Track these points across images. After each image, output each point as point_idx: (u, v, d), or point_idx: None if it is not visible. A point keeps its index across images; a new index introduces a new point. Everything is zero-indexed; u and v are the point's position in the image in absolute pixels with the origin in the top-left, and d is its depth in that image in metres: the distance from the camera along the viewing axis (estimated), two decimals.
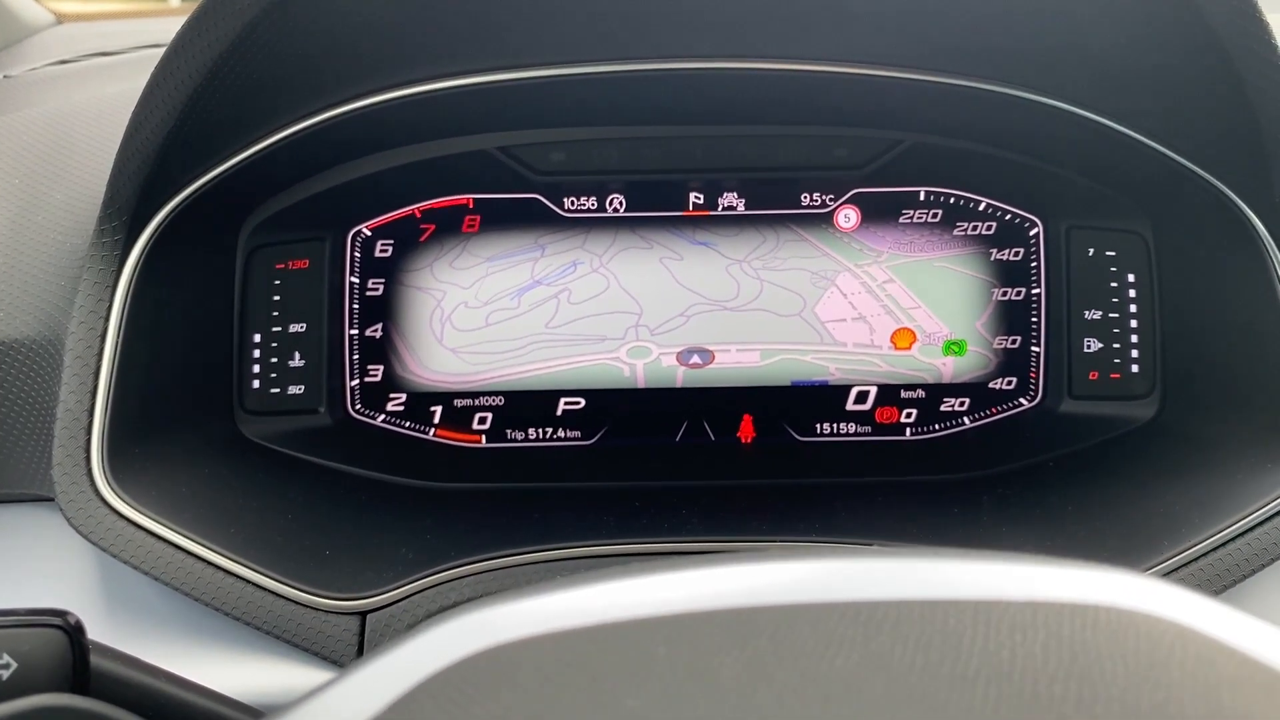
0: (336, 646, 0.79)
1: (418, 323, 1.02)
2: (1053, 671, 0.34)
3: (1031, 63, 0.89)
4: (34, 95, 1.21)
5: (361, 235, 1.01)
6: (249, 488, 0.90)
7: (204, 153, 0.85)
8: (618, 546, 0.85)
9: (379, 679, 0.36)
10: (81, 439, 0.81)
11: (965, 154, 1.01)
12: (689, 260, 1.03)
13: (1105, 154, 0.95)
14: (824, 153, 1.01)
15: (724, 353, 1.04)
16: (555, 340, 1.03)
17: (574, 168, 1.00)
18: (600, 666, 0.35)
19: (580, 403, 1.03)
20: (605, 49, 0.89)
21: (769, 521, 0.93)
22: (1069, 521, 0.91)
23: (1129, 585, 0.39)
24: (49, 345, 0.85)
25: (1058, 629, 0.36)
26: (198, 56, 0.75)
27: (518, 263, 1.02)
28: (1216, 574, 0.82)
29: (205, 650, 0.80)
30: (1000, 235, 1.04)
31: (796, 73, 0.91)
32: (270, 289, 0.98)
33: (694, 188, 1.02)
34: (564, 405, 1.03)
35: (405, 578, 0.81)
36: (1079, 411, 1.04)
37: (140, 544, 0.79)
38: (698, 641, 0.35)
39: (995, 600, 0.37)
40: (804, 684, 0.33)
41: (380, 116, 0.89)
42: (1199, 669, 0.35)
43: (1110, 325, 1.03)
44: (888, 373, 1.04)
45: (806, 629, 0.36)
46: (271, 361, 0.98)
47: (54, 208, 0.92)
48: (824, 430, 1.05)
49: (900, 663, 0.34)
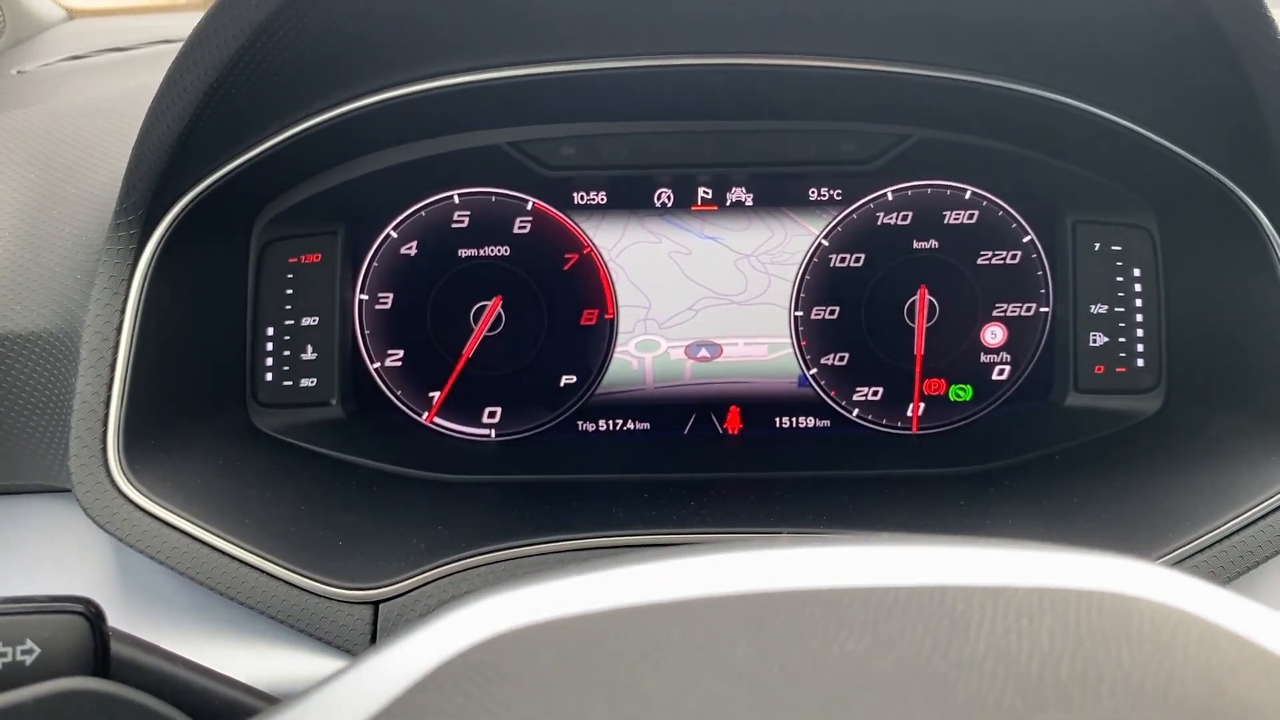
0: (350, 635, 0.80)
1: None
2: (1059, 654, 0.35)
3: (1039, 59, 0.89)
4: (47, 91, 1.22)
5: (373, 229, 1.02)
6: (263, 479, 0.91)
7: (218, 148, 0.85)
8: (628, 537, 0.86)
9: (401, 661, 0.36)
10: (98, 431, 0.82)
11: (972, 149, 1.01)
12: (697, 255, 1.04)
13: (1111, 149, 0.95)
14: (832, 148, 1.02)
15: (731, 346, 1.05)
16: None
17: (584, 162, 1.01)
18: (617, 650, 0.36)
19: (574, 378, 1.04)
20: (615, 45, 0.90)
21: (773, 513, 0.94)
22: (1075, 514, 0.91)
23: (1132, 571, 0.40)
24: (65, 338, 0.85)
25: (1063, 614, 0.37)
26: (214, 52, 0.76)
27: None
28: (1222, 565, 0.82)
29: (220, 638, 0.81)
30: (1006, 230, 1.04)
31: (805, 68, 0.91)
32: (283, 282, 0.99)
33: (703, 182, 1.03)
34: (564, 381, 1.04)
35: (417, 568, 0.82)
36: (1085, 405, 1.04)
37: (156, 534, 0.80)
38: (712, 625, 0.36)
39: (1002, 587, 0.38)
40: (816, 665, 0.34)
41: (392, 112, 0.90)
42: (1201, 653, 0.36)
43: (1116, 319, 1.03)
44: None
45: (818, 613, 0.36)
46: (284, 354, 0.99)
47: (69, 202, 0.93)
48: (830, 423, 1.06)
49: (910, 645, 0.35)
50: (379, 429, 1.02)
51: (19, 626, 0.52)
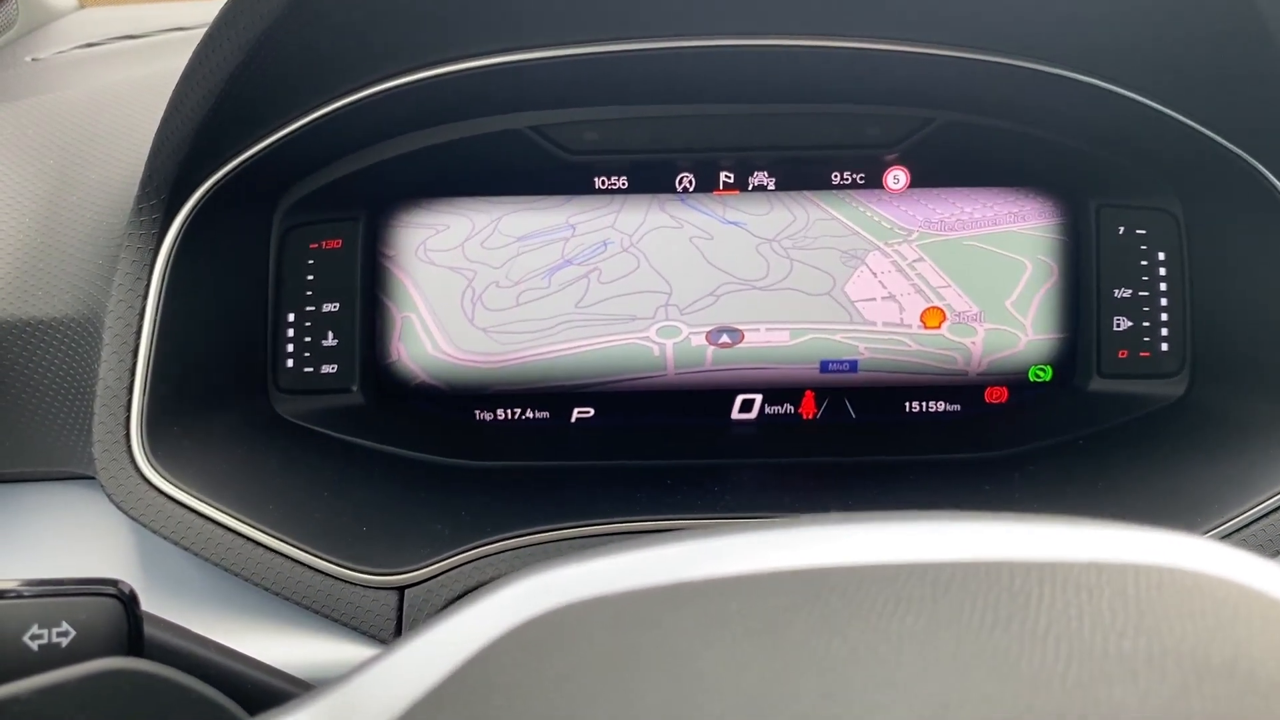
0: (375, 621, 0.79)
1: (449, 302, 1.02)
2: (1121, 629, 0.35)
3: (1064, 39, 0.89)
4: (62, 78, 1.22)
5: (394, 215, 1.01)
6: (285, 465, 0.90)
7: (241, 131, 0.85)
8: (650, 523, 0.86)
9: (454, 637, 0.36)
10: (121, 416, 0.81)
11: (996, 132, 1.00)
12: (719, 239, 1.03)
13: (1137, 131, 0.95)
14: (856, 131, 1.01)
15: (753, 332, 1.04)
16: (585, 320, 1.03)
17: (606, 147, 1.00)
18: (673, 624, 0.35)
19: (602, 383, 1.04)
20: (638, 27, 0.89)
21: (797, 498, 0.94)
22: (1100, 498, 0.91)
23: (1189, 547, 0.39)
24: (86, 325, 0.85)
25: (1122, 589, 0.37)
26: (240, 34, 0.75)
27: (548, 242, 1.02)
28: (1248, 550, 0.82)
29: (245, 624, 0.80)
30: (1030, 214, 1.04)
31: (829, 49, 0.91)
32: (304, 268, 0.98)
33: (725, 166, 1.02)
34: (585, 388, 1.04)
35: (442, 553, 0.81)
36: (1108, 390, 1.04)
37: (180, 520, 0.80)
38: (770, 601, 0.36)
39: (1059, 561, 0.38)
40: (877, 639, 0.34)
41: (414, 96, 0.90)
42: (1266, 627, 0.35)
43: (1140, 304, 1.03)
44: (917, 351, 1.05)
45: (876, 589, 0.36)
46: (305, 340, 0.99)
47: (88, 188, 0.92)
48: (852, 410, 1.06)
49: (970, 621, 0.35)
50: (400, 416, 1.02)
51: (54, 608, 0.52)
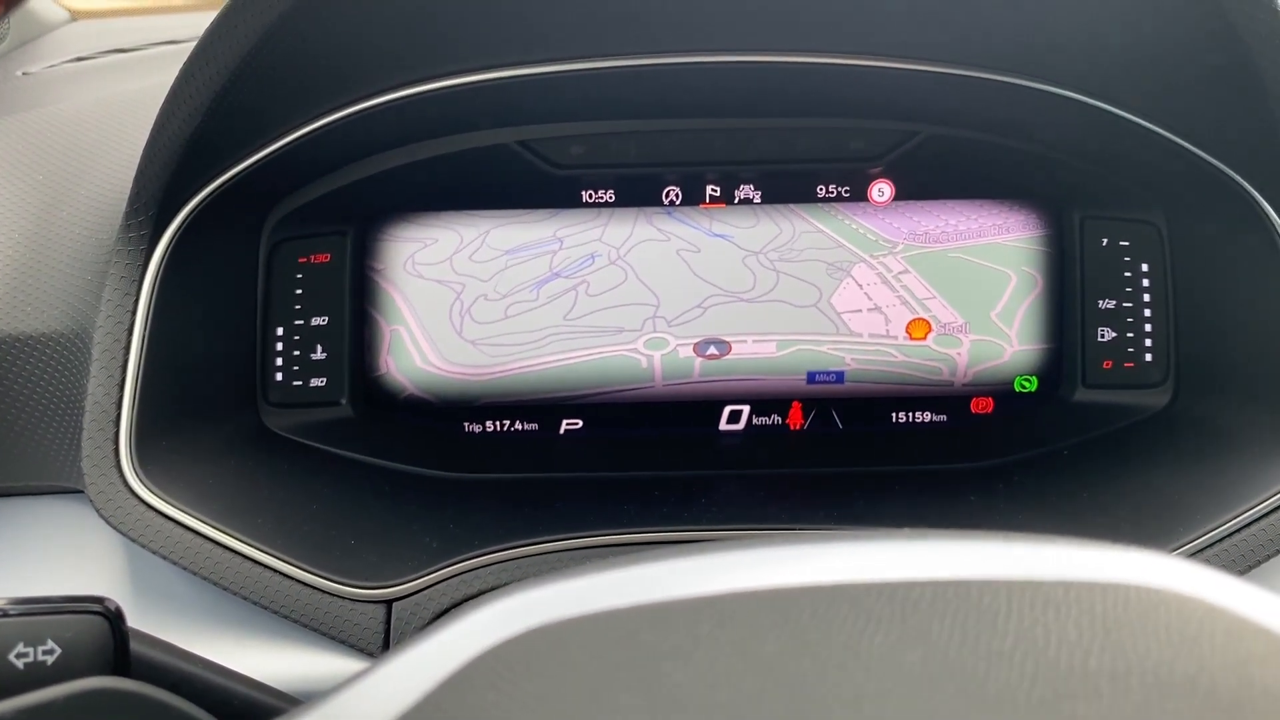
0: (363, 634, 0.80)
1: (438, 315, 1.03)
2: (1087, 646, 0.35)
3: (1047, 54, 0.89)
4: (53, 93, 1.23)
5: (382, 229, 1.02)
6: (274, 479, 0.91)
7: (229, 147, 0.86)
8: (639, 535, 0.86)
9: (432, 656, 0.37)
10: (110, 431, 0.82)
11: (980, 145, 1.01)
12: (706, 252, 1.04)
13: (1119, 144, 0.95)
14: (840, 145, 1.02)
15: (740, 343, 1.05)
16: (574, 332, 1.04)
17: (593, 161, 1.01)
18: (645, 645, 0.36)
19: (590, 396, 1.04)
20: (624, 43, 0.90)
21: (784, 510, 0.94)
22: (1084, 509, 0.92)
23: (1156, 565, 0.40)
24: (75, 339, 0.86)
25: (1089, 607, 0.37)
26: (227, 52, 0.76)
27: (536, 255, 1.03)
28: (1230, 560, 0.83)
29: (233, 638, 0.81)
30: (1014, 226, 1.05)
31: (813, 65, 0.91)
32: (293, 282, 0.99)
33: (711, 180, 1.03)
34: (576, 401, 1.04)
35: (430, 567, 0.82)
36: (1093, 400, 1.04)
37: (169, 534, 0.80)
38: (742, 619, 0.36)
39: (1027, 580, 0.38)
40: (846, 657, 0.34)
41: (402, 111, 0.90)
42: (1229, 644, 0.36)
43: (1124, 315, 1.04)
44: (903, 362, 1.05)
45: (846, 607, 0.37)
46: (294, 354, 0.99)
47: (77, 203, 0.93)
48: (839, 421, 1.06)
49: (938, 638, 0.35)
50: (389, 429, 1.02)
51: (40, 627, 0.52)
